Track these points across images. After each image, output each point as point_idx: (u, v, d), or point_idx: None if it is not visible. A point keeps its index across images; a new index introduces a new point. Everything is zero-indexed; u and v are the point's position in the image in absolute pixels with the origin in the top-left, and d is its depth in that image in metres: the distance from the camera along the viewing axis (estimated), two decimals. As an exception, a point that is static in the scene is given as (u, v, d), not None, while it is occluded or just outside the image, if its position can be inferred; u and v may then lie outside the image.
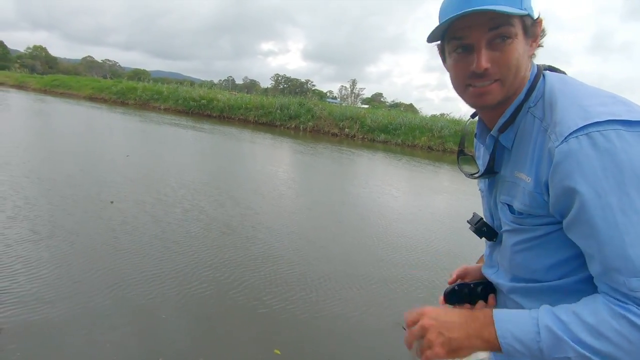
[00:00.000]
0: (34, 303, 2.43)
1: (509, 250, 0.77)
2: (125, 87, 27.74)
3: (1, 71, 57.35)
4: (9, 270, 2.76)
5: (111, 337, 2.27)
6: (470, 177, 0.84)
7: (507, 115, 0.73)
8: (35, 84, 35.90)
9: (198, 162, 8.86)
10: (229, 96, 24.14)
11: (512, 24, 0.65)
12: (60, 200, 4.49)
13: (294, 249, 3.94)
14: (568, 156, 0.59)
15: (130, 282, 2.84)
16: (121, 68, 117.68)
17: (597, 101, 0.62)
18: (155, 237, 3.77)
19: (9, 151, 6.66)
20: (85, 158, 7.38)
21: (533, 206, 0.68)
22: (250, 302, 2.84)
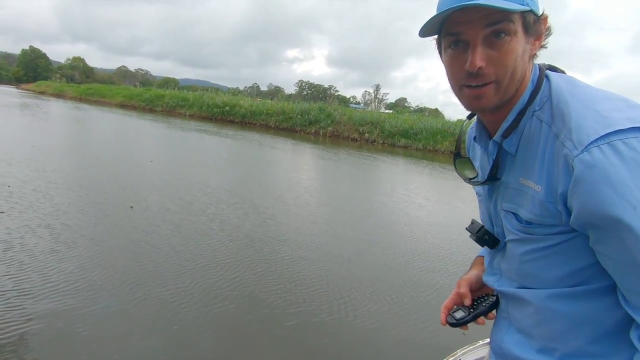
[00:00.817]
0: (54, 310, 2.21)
1: (517, 259, 0.72)
2: (153, 94, 28.70)
3: (43, 81, 61.44)
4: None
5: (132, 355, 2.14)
6: (469, 182, 0.79)
7: (510, 120, 0.68)
8: (72, 92, 37.88)
9: (221, 169, 8.70)
10: (251, 102, 24.38)
11: (511, 20, 0.60)
12: (83, 204, 4.34)
13: (318, 262, 3.63)
14: (592, 167, 0.55)
15: (149, 294, 2.63)
16: (152, 77, 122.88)
17: (611, 106, 0.58)
18: (175, 247, 3.53)
19: (44, 156, 6.69)
20: (111, 163, 7.40)
21: (544, 216, 0.64)
22: (274, 317, 2.65)
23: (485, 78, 0.63)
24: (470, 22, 0.61)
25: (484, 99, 0.65)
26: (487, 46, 0.62)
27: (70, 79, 71.28)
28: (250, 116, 22.90)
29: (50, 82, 53.32)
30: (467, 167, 0.83)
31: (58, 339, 2.21)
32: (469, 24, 0.61)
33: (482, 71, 0.62)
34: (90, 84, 47.24)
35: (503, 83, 0.63)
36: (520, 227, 0.70)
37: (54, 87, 44.20)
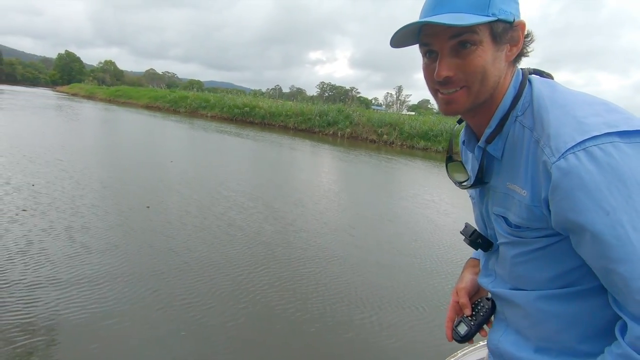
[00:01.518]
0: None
1: (509, 261, 0.73)
2: (177, 96, 29.25)
3: (77, 83, 64.51)
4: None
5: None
6: (460, 185, 0.80)
7: (493, 126, 0.69)
8: (102, 94, 39.31)
9: (241, 170, 8.51)
10: (270, 103, 24.45)
11: (474, 32, 0.62)
12: (102, 204, 4.24)
13: (339, 274, 3.36)
14: (568, 174, 0.56)
15: (165, 304, 2.42)
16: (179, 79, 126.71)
17: (591, 111, 0.59)
18: (188, 250, 3.31)
19: (71, 156, 6.75)
20: (133, 163, 7.39)
21: (531, 220, 0.65)
22: (293, 327, 2.45)
23: (454, 85, 0.65)
24: (437, 34, 0.64)
25: (454, 103, 0.67)
26: (454, 56, 0.64)
27: (101, 82, 74.45)
28: (269, 117, 22.92)
29: (82, 85, 55.92)
30: (459, 170, 0.83)
31: (72, 338, 2.19)
32: (436, 36, 0.64)
33: (450, 79, 0.65)
34: (119, 86, 49.32)
35: (473, 88, 0.65)
36: (510, 230, 0.70)
37: (86, 89, 46.14)
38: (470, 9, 0.61)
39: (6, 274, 2.75)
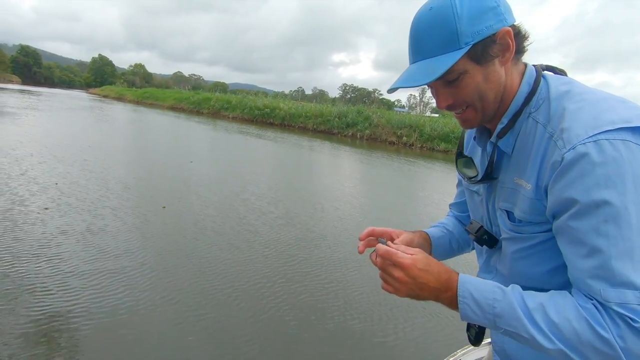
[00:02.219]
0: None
1: (509, 257, 0.74)
2: (201, 98, 29.84)
3: (108, 85, 67.55)
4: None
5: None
6: (469, 181, 0.80)
7: (505, 122, 0.70)
8: (131, 95, 40.74)
9: (260, 172, 8.41)
10: (290, 105, 24.53)
11: (452, 71, 0.63)
12: (121, 204, 4.21)
13: (359, 285, 3.14)
14: (573, 162, 0.57)
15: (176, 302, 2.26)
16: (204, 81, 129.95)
17: (606, 106, 0.59)
18: (199, 254, 3.19)
19: (95, 156, 6.88)
20: (154, 163, 7.43)
21: (533, 213, 0.66)
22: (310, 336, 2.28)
23: (459, 107, 0.69)
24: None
25: (468, 121, 0.71)
26: (447, 86, 0.67)
27: (131, 84, 77.53)
28: (289, 119, 22.95)
29: (113, 87, 58.35)
30: (468, 166, 0.83)
31: (89, 338, 2.19)
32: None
33: (452, 105, 0.69)
34: (147, 88, 51.29)
35: (477, 106, 0.68)
36: (511, 225, 0.71)
37: (116, 91, 48.03)
38: (441, 49, 0.63)
39: (24, 268, 2.70)
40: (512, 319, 0.60)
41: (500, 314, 0.61)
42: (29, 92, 34.84)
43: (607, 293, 0.55)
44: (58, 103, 24.32)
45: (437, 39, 0.63)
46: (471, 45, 0.62)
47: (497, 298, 0.61)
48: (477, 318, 0.63)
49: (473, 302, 0.63)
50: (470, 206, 0.89)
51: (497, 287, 0.64)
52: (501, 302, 0.61)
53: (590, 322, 0.55)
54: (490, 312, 0.61)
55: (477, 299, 0.63)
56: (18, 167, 5.74)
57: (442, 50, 0.63)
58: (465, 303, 0.64)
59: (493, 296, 0.62)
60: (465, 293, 0.64)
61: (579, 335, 0.55)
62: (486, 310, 0.62)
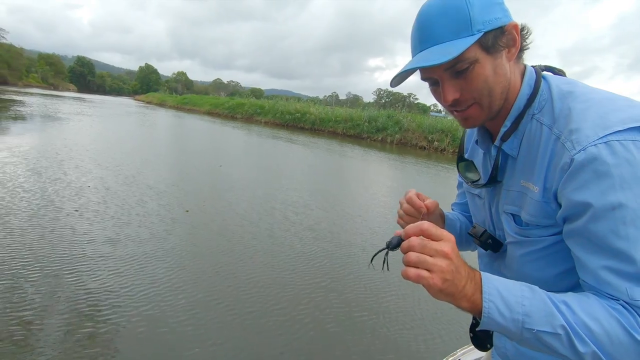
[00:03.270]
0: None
1: (516, 261, 0.72)
2: (235, 103, 30.73)
3: (152, 92, 71.96)
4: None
5: None
6: (472, 185, 0.78)
7: (508, 125, 0.68)
8: (171, 102, 42.80)
9: (288, 176, 8.30)
10: (321, 109, 24.52)
11: (464, 58, 0.61)
12: (149, 206, 4.15)
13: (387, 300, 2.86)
14: (585, 164, 0.55)
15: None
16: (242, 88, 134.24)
17: (613, 106, 0.58)
18: (216, 264, 3.02)
19: (130, 159, 7.04)
20: (185, 166, 7.46)
21: (540, 216, 0.64)
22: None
23: (464, 103, 0.66)
24: (431, 69, 0.65)
25: (471, 119, 0.68)
26: (455, 78, 0.64)
27: (174, 91, 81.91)
28: (319, 123, 22.94)
29: (156, 94, 61.96)
30: (470, 169, 0.81)
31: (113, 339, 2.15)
32: (432, 71, 0.65)
33: (458, 100, 0.65)
34: (187, 95, 54.08)
35: (483, 101, 0.65)
36: (518, 229, 0.69)
37: (158, 98, 50.85)
38: (454, 35, 0.61)
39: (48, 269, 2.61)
40: (545, 315, 0.54)
41: (530, 312, 0.54)
42: (82, 99, 37.47)
43: (634, 292, 0.53)
44: (106, 109, 25.79)
45: (449, 25, 0.61)
46: (483, 33, 0.60)
47: (526, 295, 0.55)
48: (502, 320, 0.55)
49: (500, 300, 0.55)
50: (472, 209, 0.87)
51: (524, 284, 0.58)
52: (531, 299, 0.55)
53: (621, 321, 0.52)
54: (519, 312, 0.54)
55: (505, 296, 0.55)
56: (58, 169, 5.96)
57: (455, 36, 0.61)
58: (491, 301, 0.55)
59: (522, 293, 0.56)
60: (492, 290, 0.56)
61: (611, 336, 0.52)
62: (514, 309, 0.54)
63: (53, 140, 8.82)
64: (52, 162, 6.50)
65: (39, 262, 2.97)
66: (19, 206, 4.10)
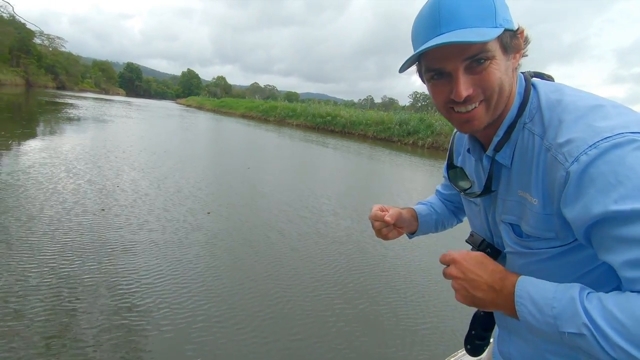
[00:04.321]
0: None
1: (517, 270, 0.68)
2: (268, 106, 31.45)
3: (193, 96, 75.62)
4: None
5: None
6: (464, 193, 0.77)
7: (501, 134, 0.67)
8: (209, 105, 44.82)
9: (317, 180, 8.18)
10: (351, 112, 24.51)
11: (487, 49, 0.59)
12: (174, 208, 4.13)
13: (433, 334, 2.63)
14: (581, 174, 0.54)
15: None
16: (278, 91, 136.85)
17: (601, 114, 0.57)
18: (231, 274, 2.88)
19: (163, 161, 7.21)
20: (214, 168, 7.48)
21: (542, 229, 0.63)
22: None
23: (473, 101, 0.62)
24: (449, 57, 0.60)
25: (474, 121, 0.64)
26: (469, 73, 0.61)
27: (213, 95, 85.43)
28: (349, 126, 22.88)
29: (196, 97, 65.05)
30: (462, 177, 0.80)
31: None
32: (448, 59, 0.60)
33: (469, 97, 0.62)
34: (225, 98, 56.24)
35: (492, 101, 0.63)
36: (518, 240, 0.68)
37: (197, 101, 53.37)
38: (478, 22, 0.57)
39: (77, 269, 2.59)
40: (570, 315, 0.52)
41: (559, 314, 0.53)
42: (129, 103, 39.68)
43: None
44: (148, 112, 27.14)
45: (476, 10, 0.58)
46: (504, 29, 0.59)
47: (558, 296, 0.54)
48: (537, 323, 0.55)
49: (531, 303, 0.56)
50: (468, 215, 0.86)
51: (562, 285, 0.55)
52: (561, 300, 0.53)
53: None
54: (549, 314, 0.53)
55: (535, 299, 0.56)
56: (93, 169, 6.19)
57: (479, 23, 0.57)
58: (522, 304, 0.57)
59: (554, 295, 0.54)
60: (523, 293, 0.57)
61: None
62: (545, 312, 0.54)
63: (94, 142, 9.32)
64: (88, 162, 6.79)
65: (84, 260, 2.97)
66: (50, 205, 4.23)
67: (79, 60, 73.37)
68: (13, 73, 41.53)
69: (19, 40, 43.33)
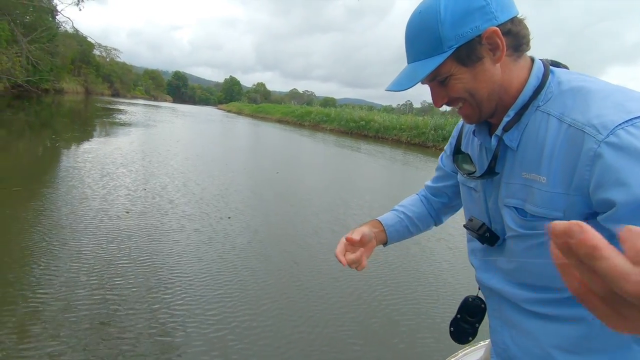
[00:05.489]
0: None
1: (518, 255, 0.70)
2: (303, 111, 31.88)
3: (233, 102, 78.64)
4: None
5: None
6: (468, 176, 0.78)
7: (512, 115, 0.67)
8: (247, 110, 46.31)
9: (350, 190, 7.97)
10: (385, 117, 24.13)
11: (439, 73, 0.66)
12: (195, 212, 4.09)
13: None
14: (620, 148, 0.53)
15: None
16: (316, 97, 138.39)
17: (627, 96, 0.57)
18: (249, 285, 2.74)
19: (194, 164, 7.36)
20: (242, 171, 7.44)
21: (549, 208, 0.62)
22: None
23: (455, 103, 0.70)
24: (422, 80, 0.69)
25: (467, 117, 0.72)
26: (440, 86, 0.69)
27: (252, 101, 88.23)
28: (383, 131, 22.47)
29: (236, 103, 67.60)
30: (466, 162, 0.82)
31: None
32: (423, 81, 0.69)
33: (448, 103, 0.70)
34: (262, 104, 58.00)
35: (472, 103, 0.68)
36: (523, 222, 0.67)
37: (237, 107, 55.24)
38: (427, 53, 0.65)
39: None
40: None
41: None
42: (173, 109, 41.62)
43: None
44: (190, 117, 28.34)
45: (423, 43, 0.65)
46: (455, 49, 0.63)
47: None
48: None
49: None
50: (466, 203, 0.86)
51: None
52: None
53: None
54: None
55: None
56: (130, 171, 6.43)
57: (428, 54, 0.64)
58: None
59: None
60: None
61: None
62: None
63: (133, 146, 9.78)
64: (120, 165, 7.08)
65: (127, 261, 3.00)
66: (84, 209, 4.38)
67: (132, 70, 78.83)
68: (75, 82, 45.47)
69: (81, 52, 47.36)
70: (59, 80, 36.25)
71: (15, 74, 23.03)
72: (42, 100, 24.37)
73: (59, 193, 4.84)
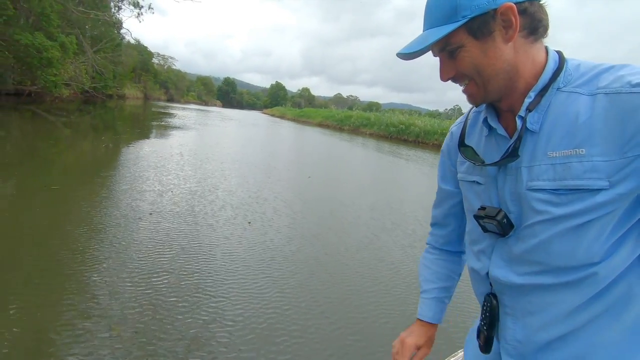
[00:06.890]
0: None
1: (545, 240, 0.66)
2: (343, 115, 31.76)
3: (278, 107, 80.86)
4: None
5: None
6: (482, 165, 0.74)
7: (533, 96, 0.66)
8: (290, 114, 47.10)
9: (384, 198, 7.72)
10: (426, 121, 23.30)
11: (450, 43, 0.66)
12: (219, 214, 4.08)
13: None
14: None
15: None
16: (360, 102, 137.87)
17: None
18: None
19: (225, 167, 7.42)
20: (275, 175, 7.39)
21: (592, 178, 0.60)
22: None
23: (460, 80, 0.70)
24: (432, 48, 0.70)
25: (471, 96, 0.71)
26: (449, 58, 0.68)
27: (297, 105, 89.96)
28: (423, 135, 21.73)
29: (280, 108, 69.29)
30: (471, 155, 0.79)
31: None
32: (433, 50, 0.70)
33: (454, 77, 0.70)
34: (305, 109, 58.86)
35: (478, 81, 0.67)
36: (558, 200, 0.63)
37: (280, 111, 56.66)
38: (442, 21, 0.65)
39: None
40: None
41: None
42: (221, 113, 43.34)
43: None
44: (236, 121, 29.32)
45: (440, 10, 0.65)
46: (468, 19, 0.63)
47: None
48: None
49: None
50: (469, 199, 0.81)
51: None
52: None
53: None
54: None
55: None
56: (168, 172, 6.59)
57: (442, 22, 0.65)
58: None
59: None
60: None
61: None
62: None
63: (172, 149, 10.10)
64: (153, 166, 7.27)
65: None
66: (108, 212, 4.52)
67: (186, 76, 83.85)
68: (135, 88, 49.31)
69: (141, 61, 51.19)
70: (121, 87, 39.46)
71: (82, 81, 25.30)
72: (106, 105, 26.68)
73: (123, 189, 5.10)
